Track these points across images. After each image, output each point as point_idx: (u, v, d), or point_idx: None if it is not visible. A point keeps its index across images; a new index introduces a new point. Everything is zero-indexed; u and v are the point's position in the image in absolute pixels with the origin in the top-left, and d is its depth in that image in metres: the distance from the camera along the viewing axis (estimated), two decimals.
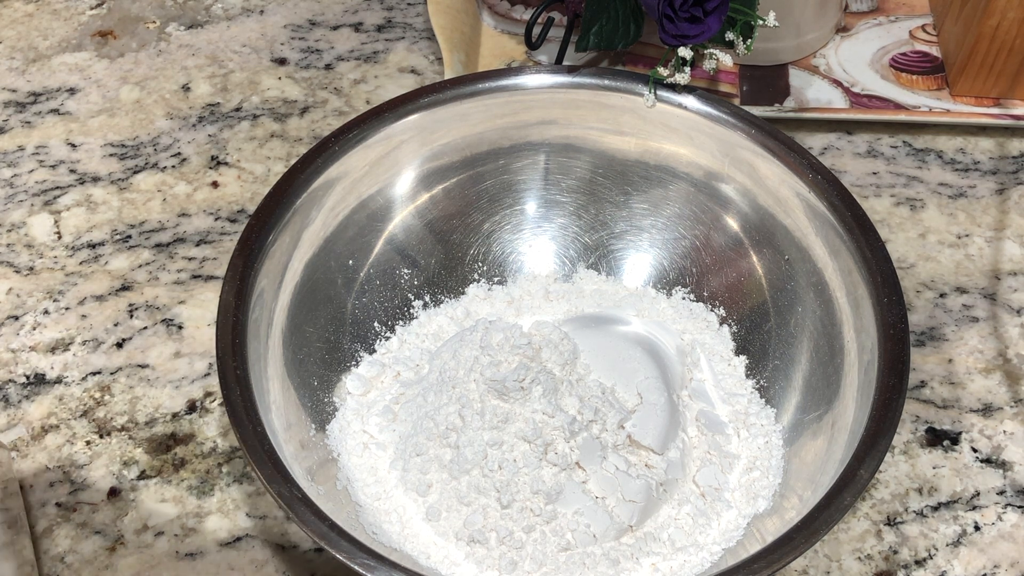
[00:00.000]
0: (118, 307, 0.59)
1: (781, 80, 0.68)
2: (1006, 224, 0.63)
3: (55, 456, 0.53)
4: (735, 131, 0.53)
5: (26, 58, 0.73)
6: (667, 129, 0.55)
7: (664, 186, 0.57)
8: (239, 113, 0.69)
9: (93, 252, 0.62)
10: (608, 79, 0.55)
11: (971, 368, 0.57)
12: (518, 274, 0.58)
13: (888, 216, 0.63)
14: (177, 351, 0.57)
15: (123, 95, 0.70)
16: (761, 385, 0.53)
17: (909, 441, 0.54)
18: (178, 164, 0.66)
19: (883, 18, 0.73)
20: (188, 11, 0.76)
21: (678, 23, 0.52)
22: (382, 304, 0.55)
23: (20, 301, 0.60)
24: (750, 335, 0.54)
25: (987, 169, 0.66)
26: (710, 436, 0.51)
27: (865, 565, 0.50)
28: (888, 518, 0.52)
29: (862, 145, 0.67)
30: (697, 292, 0.56)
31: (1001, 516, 0.52)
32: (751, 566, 0.40)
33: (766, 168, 0.53)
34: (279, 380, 0.49)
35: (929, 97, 0.67)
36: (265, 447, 0.43)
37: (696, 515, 0.48)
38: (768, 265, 0.54)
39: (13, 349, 0.58)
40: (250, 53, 0.73)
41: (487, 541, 0.47)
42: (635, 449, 0.50)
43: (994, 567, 0.50)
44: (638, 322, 0.55)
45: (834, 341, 0.50)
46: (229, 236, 0.63)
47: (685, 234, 0.57)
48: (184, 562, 0.50)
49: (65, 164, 0.66)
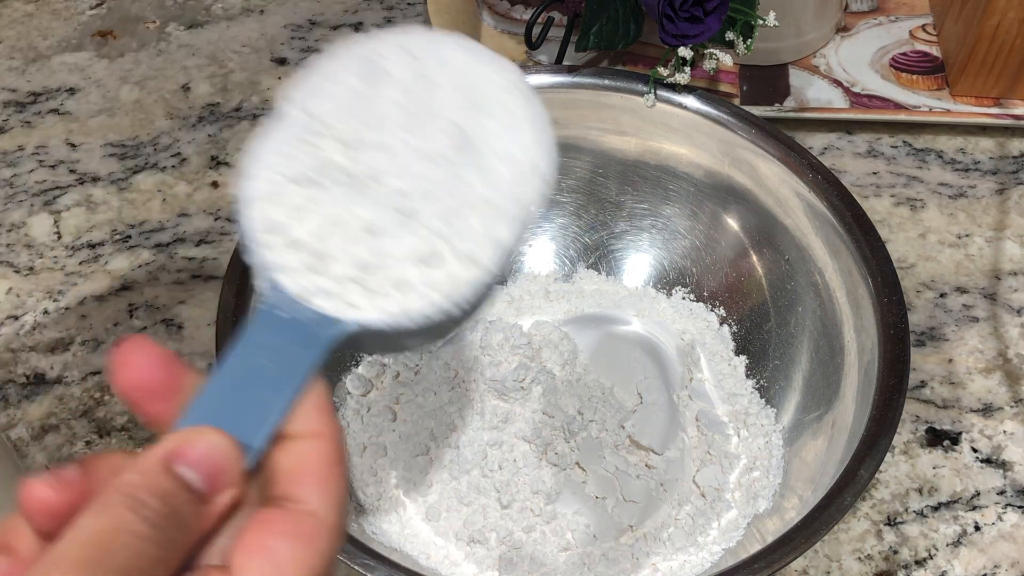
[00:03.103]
0: (118, 307, 0.59)
1: (781, 80, 0.68)
2: (1006, 224, 0.63)
3: (55, 456, 0.53)
4: (735, 131, 0.53)
5: (26, 58, 0.73)
6: (667, 129, 0.55)
7: (664, 186, 0.57)
8: (239, 113, 0.69)
9: (93, 252, 0.62)
10: (608, 79, 0.55)
11: (971, 368, 0.57)
12: (518, 274, 0.58)
13: (888, 216, 0.63)
14: (177, 351, 0.57)
15: (123, 95, 0.70)
16: (761, 385, 0.53)
17: (909, 441, 0.54)
18: (178, 164, 0.66)
19: (883, 18, 0.73)
20: (188, 11, 0.76)
21: (678, 23, 0.52)
22: None
23: (20, 301, 0.60)
24: (750, 335, 0.54)
25: (987, 169, 0.66)
26: (710, 436, 0.51)
27: (865, 565, 0.50)
28: (888, 518, 0.52)
29: (862, 145, 0.67)
30: (697, 292, 0.56)
31: (1001, 516, 0.52)
32: (751, 566, 0.40)
33: (766, 168, 0.53)
34: None
35: (929, 97, 0.67)
36: None
37: (696, 515, 0.48)
38: (768, 265, 0.54)
39: (13, 349, 0.57)
40: (250, 53, 0.73)
41: (487, 541, 0.47)
42: (635, 449, 0.50)
43: (994, 567, 0.50)
44: (638, 322, 0.55)
45: (834, 341, 0.50)
46: (229, 236, 0.63)
47: (685, 234, 0.57)
48: None
49: (65, 164, 0.66)
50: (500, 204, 0.32)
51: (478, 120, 0.32)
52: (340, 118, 0.32)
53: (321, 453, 0.26)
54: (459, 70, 0.33)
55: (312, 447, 0.26)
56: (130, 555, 0.22)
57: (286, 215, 0.31)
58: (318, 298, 0.29)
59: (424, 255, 0.31)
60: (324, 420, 0.26)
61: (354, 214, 0.31)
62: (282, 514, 0.25)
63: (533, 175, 0.32)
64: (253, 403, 0.26)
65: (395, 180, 0.31)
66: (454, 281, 0.30)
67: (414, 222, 0.31)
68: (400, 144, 0.32)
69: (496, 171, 0.32)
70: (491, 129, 0.32)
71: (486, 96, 0.33)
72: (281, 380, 0.27)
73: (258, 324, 0.28)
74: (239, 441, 0.26)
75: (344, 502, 0.26)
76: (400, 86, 0.32)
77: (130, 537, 0.22)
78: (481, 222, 0.31)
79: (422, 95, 0.32)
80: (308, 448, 0.26)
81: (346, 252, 0.30)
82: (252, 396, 0.27)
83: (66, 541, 0.22)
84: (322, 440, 0.26)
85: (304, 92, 0.32)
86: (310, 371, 0.27)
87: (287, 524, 0.25)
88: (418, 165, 0.32)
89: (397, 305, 0.30)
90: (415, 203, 0.31)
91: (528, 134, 0.33)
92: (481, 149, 0.32)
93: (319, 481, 0.25)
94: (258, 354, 0.27)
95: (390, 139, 0.32)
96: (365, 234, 0.31)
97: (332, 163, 0.31)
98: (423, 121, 0.32)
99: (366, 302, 0.30)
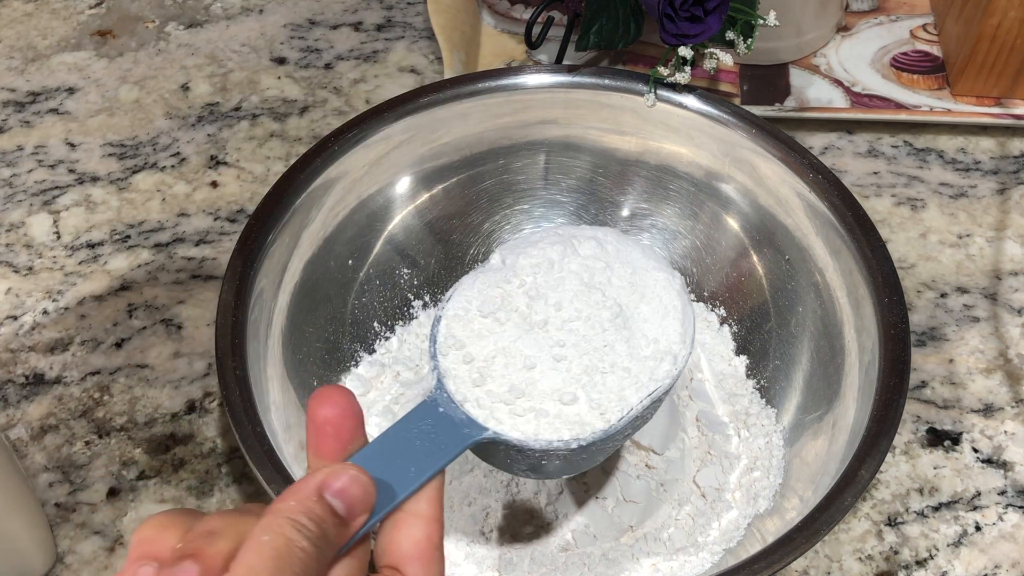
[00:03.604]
0: (117, 307, 0.59)
1: (782, 80, 0.68)
2: (1007, 224, 0.63)
3: (54, 456, 0.53)
4: (735, 131, 0.53)
5: (25, 57, 0.73)
6: (667, 129, 0.55)
7: (664, 186, 0.56)
8: (238, 113, 0.69)
9: (92, 252, 0.62)
10: (608, 79, 0.55)
11: (972, 368, 0.57)
12: None
13: (889, 216, 0.63)
14: (176, 351, 0.57)
15: (122, 95, 0.70)
16: (762, 385, 0.53)
17: (910, 441, 0.54)
18: (177, 164, 0.66)
19: (884, 17, 0.73)
20: (187, 10, 0.76)
21: (678, 22, 0.52)
22: (382, 304, 0.55)
23: (19, 301, 0.59)
24: (750, 335, 0.54)
25: (988, 169, 0.66)
26: (710, 436, 0.51)
27: (866, 565, 0.50)
28: (889, 518, 0.51)
29: (863, 145, 0.67)
30: (697, 292, 0.56)
31: (1002, 516, 0.52)
32: (752, 566, 0.40)
33: (767, 168, 0.53)
34: (279, 380, 0.49)
35: (930, 97, 0.67)
36: (265, 447, 0.42)
37: (696, 515, 0.48)
38: (769, 265, 0.54)
39: (12, 349, 0.57)
40: (249, 52, 0.73)
41: (487, 541, 0.47)
42: (635, 449, 0.50)
43: (995, 567, 0.50)
44: None
45: (835, 341, 0.50)
46: (228, 236, 0.62)
47: (685, 234, 0.57)
48: None
49: (64, 164, 0.66)
50: (636, 373, 0.38)
51: (637, 304, 0.39)
52: (531, 274, 0.40)
53: (431, 537, 0.31)
54: (633, 263, 0.41)
55: (424, 530, 0.31)
56: (300, 567, 0.27)
57: (467, 335, 0.38)
58: (471, 406, 0.36)
59: (564, 395, 0.37)
60: (438, 508, 0.32)
61: (519, 349, 0.38)
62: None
63: (669, 358, 0.38)
64: (397, 470, 0.32)
65: (558, 332, 0.38)
66: (581, 423, 0.36)
67: (563, 366, 0.37)
68: (570, 306, 0.39)
69: (640, 347, 0.38)
70: (645, 313, 0.39)
71: (648, 287, 0.40)
72: (423, 460, 0.32)
73: (421, 410, 0.35)
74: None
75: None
76: (584, 264, 0.40)
77: (299, 552, 0.27)
78: (616, 383, 0.37)
79: (598, 274, 0.40)
80: (421, 530, 0.31)
81: (504, 376, 0.37)
82: (398, 465, 0.32)
83: (252, 552, 0.27)
84: (433, 525, 0.31)
85: (510, 250, 0.41)
86: (447, 460, 0.33)
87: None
88: (580, 325, 0.38)
89: (531, 427, 0.36)
90: (568, 352, 0.38)
91: (673, 326, 0.39)
92: (633, 327, 0.39)
93: (426, 563, 0.30)
94: (413, 434, 0.33)
95: (565, 300, 0.39)
96: (523, 366, 0.37)
97: (513, 306, 0.39)
98: (593, 293, 0.39)
99: (508, 419, 0.36)
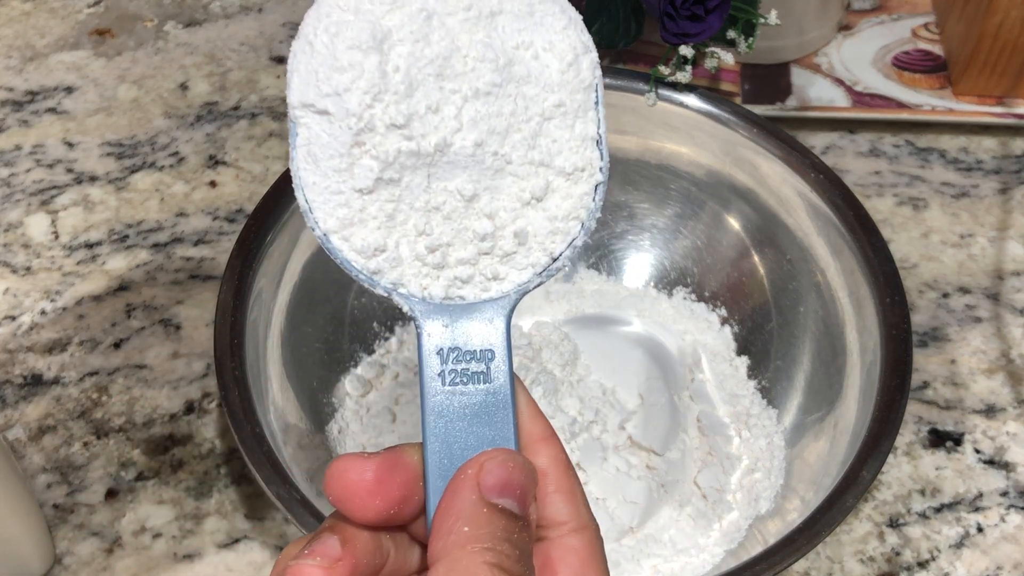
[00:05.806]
0: (116, 307, 0.59)
1: (783, 79, 0.68)
2: (1009, 224, 0.63)
3: (52, 457, 0.53)
4: (737, 130, 0.53)
5: (23, 57, 0.72)
6: (668, 128, 0.55)
7: (665, 185, 0.56)
8: (237, 112, 0.69)
9: (90, 252, 0.62)
10: (609, 78, 0.55)
11: (974, 369, 0.57)
12: None
13: (891, 216, 0.63)
14: (175, 351, 0.57)
15: (121, 94, 0.70)
16: (763, 386, 0.52)
17: (912, 442, 0.54)
18: (176, 163, 0.66)
19: (885, 16, 0.73)
20: (186, 9, 0.76)
21: (679, 21, 0.52)
22: (381, 304, 0.55)
23: (17, 301, 0.59)
24: (752, 335, 0.54)
25: (990, 168, 0.66)
26: (711, 437, 0.50)
27: (867, 567, 0.50)
28: (891, 520, 0.51)
29: (864, 144, 0.67)
30: (698, 292, 0.56)
31: (1004, 517, 0.51)
32: (753, 568, 0.39)
33: (768, 167, 0.53)
34: (278, 381, 0.48)
35: (932, 96, 0.67)
36: (263, 448, 0.42)
37: (697, 517, 0.48)
38: (770, 265, 0.54)
39: (10, 349, 0.57)
40: (248, 51, 0.73)
41: None
42: (636, 450, 0.49)
43: (997, 568, 0.50)
44: (639, 322, 0.55)
45: (836, 342, 0.50)
46: (227, 236, 0.62)
47: (686, 234, 0.56)
48: (182, 564, 0.50)
49: (62, 163, 0.66)
50: (566, 100, 0.28)
51: (496, 27, 0.28)
52: (371, 101, 0.27)
53: (590, 545, 0.27)
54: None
55: (579, 540, 0.27)
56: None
57: (376, 232, 0.27)
58: (462, 290, 0.27)
59: (535, 192, 0.28)
60: (586, 512, 0.27)
61: (445, 190, 0.27)
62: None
63: (581, 53, 0.28)
64: (480, 424, 0.25)
65: (462, 136, 0.27)
66: (576, 200, 0.28)
67: (506, 168, 0.28)
68: (442, 95, 0.27)
69: (545, 70, 0.28)
70: (512, 29, 0.28)
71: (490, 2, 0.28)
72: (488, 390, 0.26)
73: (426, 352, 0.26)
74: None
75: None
76: (407, 35, 0.27)
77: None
78: (560, 128, 0.28)
79: (433, 36, 0.27)
80: (576, 541, 0.26)
81: (457, 231, 0.27)
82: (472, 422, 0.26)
83: None
84: (587, 532, 0.27)
85: (316, 90, 0.27)
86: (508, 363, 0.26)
87: None
88: (472, 107, 0.27)
89: (540, 253, 0.28)
90: (495, 148, 0.27)
91: (552, 15, 0.28)
92: (518, 56, 0.28)
93: (590, 573, 0.26)
94: (445, 381, 0.26)
95: (432, 95, 0.27)
96: (464, 204, 0.27)
97: (393, 153, 0.27)
98: (450, 61, 0.27)
99: (507, 268, 0.28)
